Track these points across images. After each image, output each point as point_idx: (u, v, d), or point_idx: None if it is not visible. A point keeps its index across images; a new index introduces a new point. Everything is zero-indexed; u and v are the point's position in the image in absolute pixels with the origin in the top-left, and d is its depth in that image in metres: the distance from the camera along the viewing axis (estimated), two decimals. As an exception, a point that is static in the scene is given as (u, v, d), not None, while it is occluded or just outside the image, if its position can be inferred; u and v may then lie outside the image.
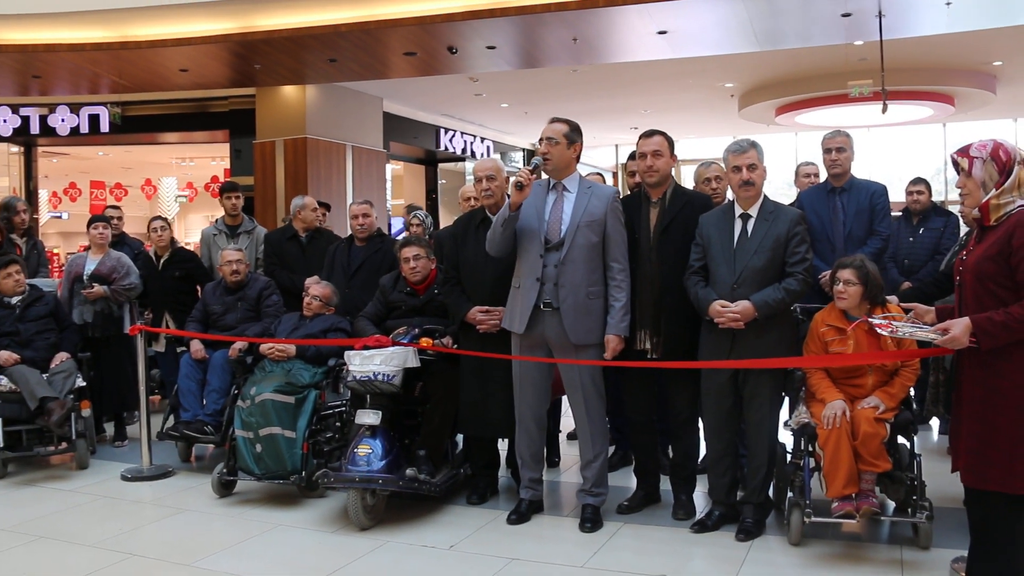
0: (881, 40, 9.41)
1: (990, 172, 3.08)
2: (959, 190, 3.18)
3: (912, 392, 4.22)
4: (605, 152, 20.67)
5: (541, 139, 4.35)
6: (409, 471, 4.46)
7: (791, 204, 5.08)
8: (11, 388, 5.50)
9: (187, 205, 19.53)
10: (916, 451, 4.05)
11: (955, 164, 3.17)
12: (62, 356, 5.80)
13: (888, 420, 3.92)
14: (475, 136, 17.00)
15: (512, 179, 4.19)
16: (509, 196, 4.25)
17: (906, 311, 3.53)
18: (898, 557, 3.87)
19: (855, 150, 5.08)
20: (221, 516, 4.75)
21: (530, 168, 4.21)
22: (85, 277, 6.34)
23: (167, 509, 4.90)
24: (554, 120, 4.38)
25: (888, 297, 4.29)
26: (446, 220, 16.47)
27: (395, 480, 4.39)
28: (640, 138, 4.48)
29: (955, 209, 6.56)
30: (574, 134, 4.36)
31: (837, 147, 5.06)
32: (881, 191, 5.05)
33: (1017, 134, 17.53)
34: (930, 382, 5.08)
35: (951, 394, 4.81)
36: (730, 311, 4.03)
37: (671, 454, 4.86)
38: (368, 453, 4.41)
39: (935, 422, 6.09)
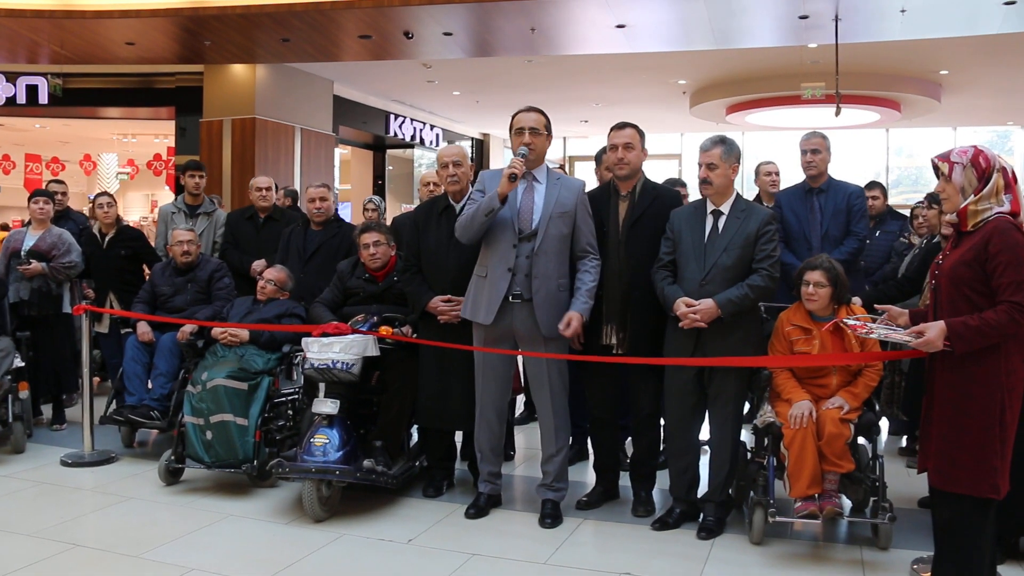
0: (837, 44, 9.53)
1: (969, 178, 3.09)
2: (939, 194, 3.19)
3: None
4: (554, 145, 20.62)
5: (521, 128, 4.23)
6: (366, 462, 4.36)
7: (772, 205, 5.09)
8: (-56, 368, 5.26)
9: (128, 183, 19.03)
10: (879, 452, 4.08)
11: (935, 168, 3.18)
12: None
13: (852, 421, 3.93)
14: (425, 123, 16.85)
15: (507, 169, 4.09)
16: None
17: (878, 312, 3.53)
18: (858, 557, 3.88)
19: (831, 151, 5.11)
20: (168, 505, 4.60)
21: (521, 160, 4.12)
22: (23, 253, 6.08)
23: (111, 497, 4.72)
24: (531, 110, 4.30)
25: (853, 299, 4.32)
26: (392, 206, 16.29)
27: (352, 471, 4.28)
28: (611, 130, 4.43)
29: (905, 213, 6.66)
30: (549, 125, 4.33)
31: (812, 148, 5.09)
32: (858, 192, 5.10)
33: (956, 142, 17.94)
34: (885, 383, 5.13)
35: (907, 396, 4.90)
36: (691, 311, 4.01)
37: (629, 450, 4.83)
38: (325, 443, 4.30)
39: (884, 423, 6.16)
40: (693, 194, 5.59)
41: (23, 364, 5.67)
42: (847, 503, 4.23)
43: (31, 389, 5.82)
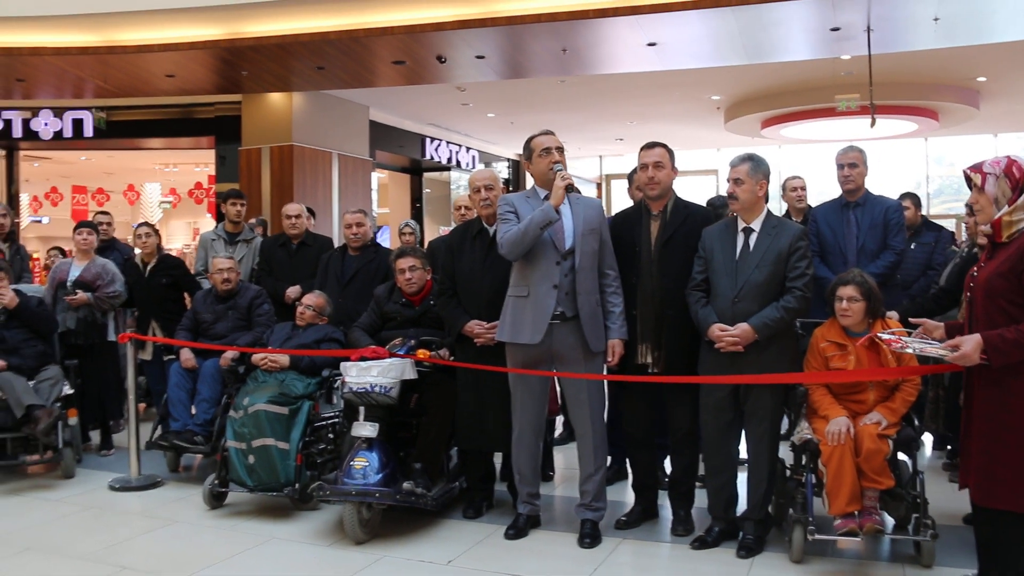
0: (870, 55, 9.47)
1: (1003, 189, 3.08)
2: (972, 206, 3.17)
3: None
4: (589, 163, 20.69)
5: (548, 148, 4.33)
6: (406, 484, 4.40)
7: (802, 220, 5.07)
8: (-3, 396, 5.40)
9: (170, 211, 19.36)
10: (919, 468, 4.03)
11: (968, 180, 3.17)
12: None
13: (891, 436, 3.90)
14: (460, 146, 16.98)
15: (562, 180, 4.15)
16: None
17: (914, 327, 3.51)
18: (901, 575, 3.84)
19: (868, 165, 5.09)
20: (213, 528, 4.67)
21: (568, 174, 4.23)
22: (69, 283, 6.25)
23: (157, 520, 4.81)
24: (546, 133, 4.43)
25: (889, 313, 4.29)
26: (430, 229, 16.43)
27: (392, 494, 4.32)
28: (641, 150, 4.46)
29: (948, 224, 6.58)
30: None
31: (850, 163, 5.07)
32: (895, 206, 5.08)
33: (997, 149, 17.70)
34: (928, 398, 5.08)
35: (949, 411, 4.83)
36: (729, 335, 4.02)
37: (668, 469, 4.83)
38: (365, 466, 4.35)
39: (928, 438, 6.09)
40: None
41: (72, 391, 5.80)
42: (889, 520, 4.19)
43: (79, 416, 5.95)
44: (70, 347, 6.18)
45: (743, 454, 4.37)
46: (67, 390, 5.74)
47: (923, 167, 18.59)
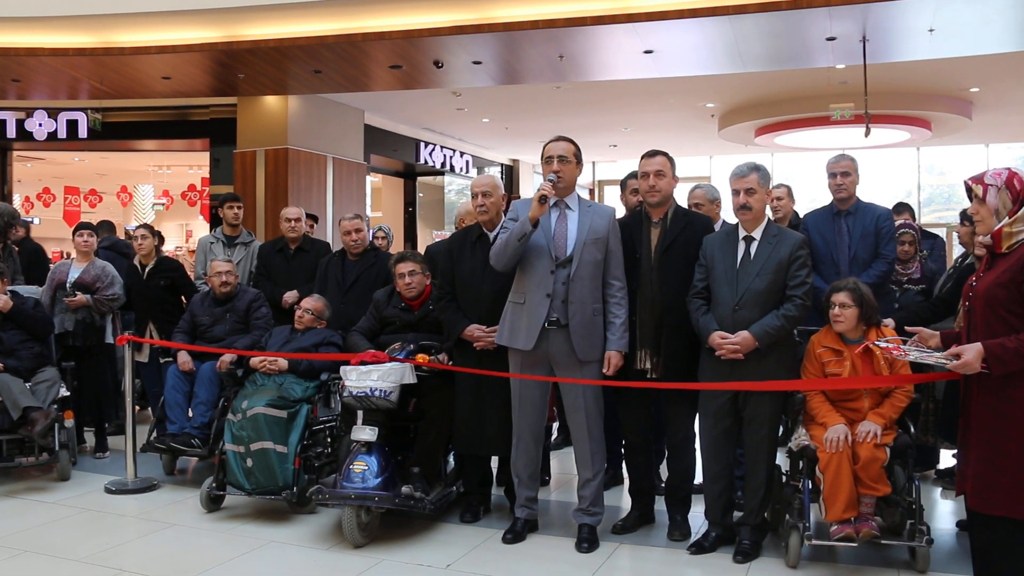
0: (865, 64, 9.53)
1: (1004, 200, 3.11)
2: (972, 215, 3.21)
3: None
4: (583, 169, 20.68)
5: (550, 157, 4.36)
6: (404, 488, 4.42)
7: (795, 224, 5.09)
8: (-7, 398, 5.39)
9: (163, 213, 19.32)
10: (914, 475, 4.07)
11: (968, 191, 3.21)
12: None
13: (888, 444, 3.93)
14: (455, 150, 16.99)
15: (537, 192, 4.19)
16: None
17: (910, 335, 3.55)
18: (897, 581, 3.88)
19: (859, 173, 5.12)
20: (210, 532, 4.67)
21: (550, 184, 4.22)
22: (68, 285, 6.24)
23: (154, 523, 4.81)
24: (560, 139, 4.41)
25: (884, 320, 4.32)
26: (424, 234, 16.45)
27: (391, 497, 4.33)
28: (642, 158, 4.49)
29: (941, 232, 6.62)
30: (579, 153, 4.44)
31: (842, 171, 5.09)
32: (887, 215, 5.10)
33: (988, 159, 17.81)
34: (921, 410, 5.10)
35: (944, 420, 4.86)
36: (729, 343, 4.05)
37: (664, 474, 4.85)
38: (364, 470, 4.36)
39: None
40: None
41: (68, 393, 5.79)
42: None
43: (75, 418, 5.93)
44: (67, 349, 6.18)
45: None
46: (63, 392, 5.73)
47: (914, 176, 18.68)
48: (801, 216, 5.77)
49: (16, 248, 6.82)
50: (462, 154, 17.31)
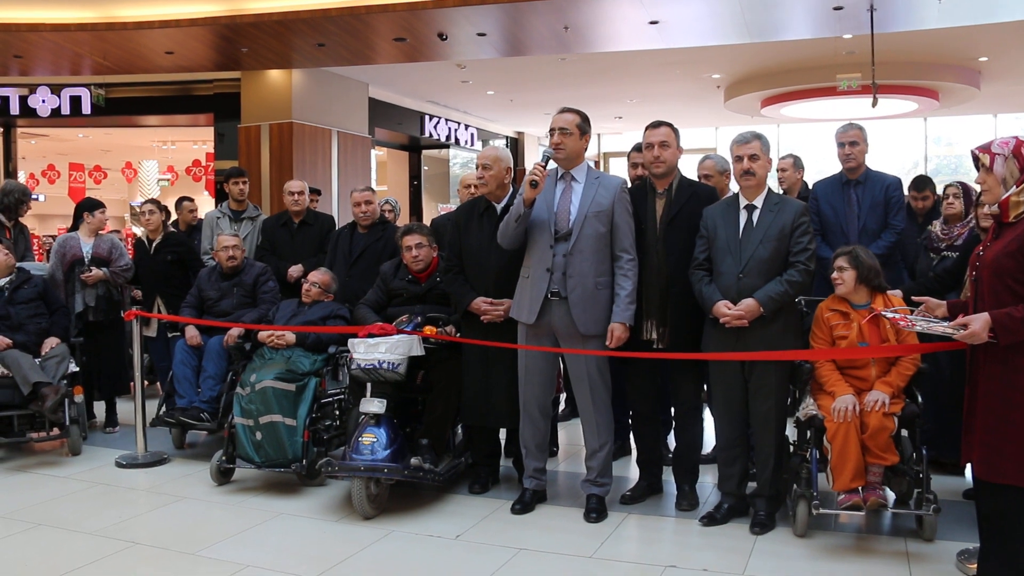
0: (872, 34, 9.46)
1: (1011, 169, 3.10)
2: (980, 184, 3.20)
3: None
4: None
5: (552, 129, 4.33)
6: (413, 460, 4.44)
7: (806, 196, 5.07)
8: (3, 373, 5.42)
9: (167, 188, 19.32)
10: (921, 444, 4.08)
11: (976, 160, 3.19)
12: (52, 342, 5.70)
13: (895, 413, 3.94)
14: (459, 123, 16.93)
15: (526, 177, 4.17)
16: (521, 192, 4.23)
17: (917, 304, 3.55)
18: (903, 549, 3.90)
19: (868, 142, 5.10)
20: (221, 504, 4.71)
21: (542, 163, 4.19)
22: (86, 260, 6.25)
23: (165, 497, 4.85)
24: (565, 110, 4.38)
25: (892, 292, 4.32)
26: (429, 207, 16.42)
27: (400, 469, 4.36)
28: (647, 129, 4.47)
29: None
30: (585, 124, 4.37)
31: (851, 140, 5.07)
32: (896, 184, 5.08)
33: (996, 129, 17.70)
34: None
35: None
36: (734, 311, 4.05)
37: (671, 444, 4.87)
38: (373, 442, 4.39)
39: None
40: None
41: (77, 369, 5.82)
42: (891, 495, 4.24)
43: (85, 392, 5.97)
44: (87, 324, 6.21)
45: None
46: (73, 367, 5.75)
47: (921, 146, 18.59)
48: (811, 187, 5.76)
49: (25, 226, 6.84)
50: (467, 127, 17.25)
